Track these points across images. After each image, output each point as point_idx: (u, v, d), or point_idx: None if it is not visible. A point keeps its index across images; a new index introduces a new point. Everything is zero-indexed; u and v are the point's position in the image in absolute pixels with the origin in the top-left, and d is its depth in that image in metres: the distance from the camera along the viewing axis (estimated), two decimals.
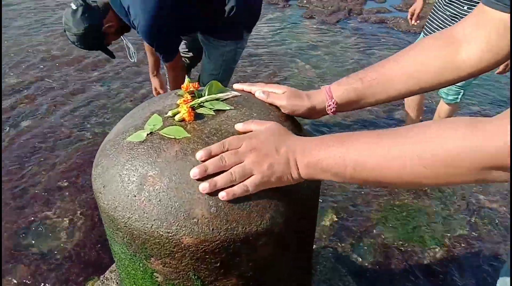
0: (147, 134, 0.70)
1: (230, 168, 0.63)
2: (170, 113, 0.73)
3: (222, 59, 1.83)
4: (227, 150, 0.65)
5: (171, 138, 0.69)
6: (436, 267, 1.81)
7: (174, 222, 0.63)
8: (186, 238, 0.63)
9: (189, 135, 0.69)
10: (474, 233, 1.98)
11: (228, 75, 1.94)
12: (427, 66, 0.73)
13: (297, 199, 0.69)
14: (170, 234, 0.63)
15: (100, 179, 0.70)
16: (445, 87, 0.79)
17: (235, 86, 0.86)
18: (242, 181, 0.63)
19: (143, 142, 0.70)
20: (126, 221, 0.65)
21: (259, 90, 0.81)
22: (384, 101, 0.79)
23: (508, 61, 1.83)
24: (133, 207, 0.65)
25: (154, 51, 1.85)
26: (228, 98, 0.79)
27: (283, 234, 0.69)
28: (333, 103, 0.78)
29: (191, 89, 0.79)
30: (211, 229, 0.63)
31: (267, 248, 0.68)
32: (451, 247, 1.90)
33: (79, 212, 2.02)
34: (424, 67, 0.74)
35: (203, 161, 0.64)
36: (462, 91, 2.14)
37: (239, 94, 0.80)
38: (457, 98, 2.17)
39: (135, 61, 1.98)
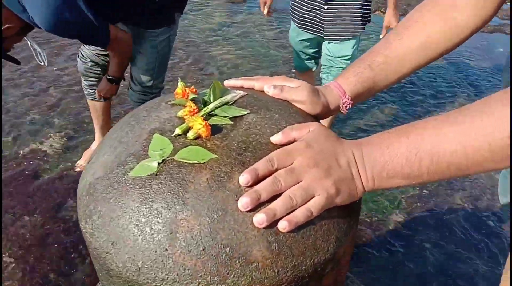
0: (159, 163, 0.53)
1: (285, 190, 0.50)
2: (178, 131, 0.57)
3: (156, 51, 1.61)
4: (277, 169, 0.51)
5: (194, 163, 0.53)
6: (402, 229, 1.86)
7: (229, 273, 0.48)
8: None
9: (216, 156, 0.54)
10: (425, 191, 2.08)
11: (164, 67, 1.73)
12: (432, 38, 0.70)
13: (354, 209, 0.58)
14: None
15: (103, 235, 0.52)
16: (451, 51, 0.76)
17: (229, 82, 0.71)
18: (303, 204, 0.50)
19: (156, 174, 0.52)
20: (159, 284, 0.49)
21: (268, 85, 0.68)
22: (395, 82, 0.74)
23: None
24: (166, 265, 0.48)
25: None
26: (236, 100, 0.64)
27: (346, 253, 0.58)
28: (348, 99, 0.70)
29: (191, 95, 0.62)
30: (276, 271, 0.49)
31: (332, 274, 0.56)
32: (408, 207, 1.97)
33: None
34: (429, 40, 0.70)
35: (250, 186, 0.50)
36: None
37: (245, 93, 0.66)
38: None
39: (46, 64, 1.66)
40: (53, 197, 1.95)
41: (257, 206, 0.50)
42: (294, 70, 2.48)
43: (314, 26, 1.94)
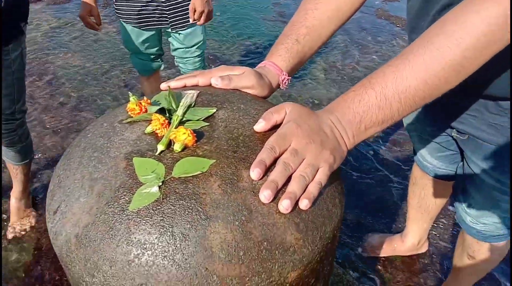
0: (159, 186, 0.49)
1: (295, 171, 0.52)
2: (161, 147, 0.53)
3: (11, 71, 1.38)
4: (280, 154, 0.52)
5: (197, 174, 0.50)
6: None
7: (272, 266, 0.49)
8: (291, 274, 0.50)
9: (214, 160, 0.52)
10: None
11: (23, 87, 1.49)
12: (342, 4, 0.77)
13: (337, 169, 0.63)
14: (272, 283, 0.49)
15: (126, 281, 0.47)
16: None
17: (169, 84, 0.68)
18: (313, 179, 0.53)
19: (163, 199, 0.48)
20: None
21: (214, 77, 0.66)
22: (318, 50, 0.80)
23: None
24: (212, 283, 0.46)
25: None
26: (195, 100, 0.62)
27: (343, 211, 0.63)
28: (286, 76, 0.73)
29: (149, 107, 0.57)
30: (309, 248, 0.51)
31: (339, 235, 0.61)
32: None
33: None
34: (340, 6, 0.77)
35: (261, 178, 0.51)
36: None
37: (198, 91, 0.64)
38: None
39: None
40: None
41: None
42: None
43: (156, 19, 1.74)
